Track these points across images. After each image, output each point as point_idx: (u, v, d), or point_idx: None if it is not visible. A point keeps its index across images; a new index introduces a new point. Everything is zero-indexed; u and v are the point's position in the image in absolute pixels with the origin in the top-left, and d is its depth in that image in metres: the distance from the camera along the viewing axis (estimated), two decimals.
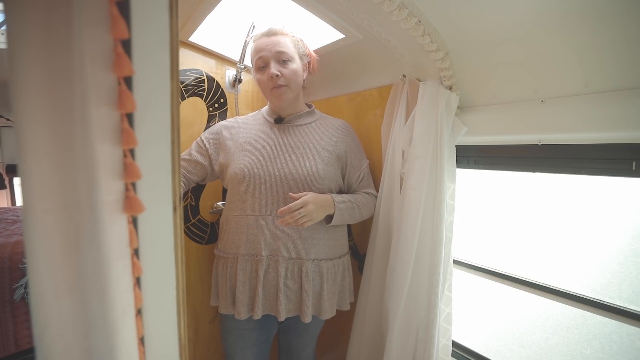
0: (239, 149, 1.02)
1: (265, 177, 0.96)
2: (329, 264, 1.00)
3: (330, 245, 1.02)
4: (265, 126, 1.06)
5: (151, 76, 0.29)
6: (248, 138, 1.04)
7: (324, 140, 1.03)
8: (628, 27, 0.62)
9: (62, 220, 0.26)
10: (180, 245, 0.35)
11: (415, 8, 0.80)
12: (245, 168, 0.97)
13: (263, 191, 0.96)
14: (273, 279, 0.96)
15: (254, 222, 0.96)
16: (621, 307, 0.80)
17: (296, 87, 0.99)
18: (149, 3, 0.28)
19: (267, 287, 0.96)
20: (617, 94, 0.69)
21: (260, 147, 1.00)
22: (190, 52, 1.27)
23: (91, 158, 0.26)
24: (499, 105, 0.91)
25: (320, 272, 0.99)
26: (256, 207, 0.96)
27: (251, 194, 0.97)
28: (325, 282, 0.99)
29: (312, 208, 0.89)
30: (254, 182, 0.96)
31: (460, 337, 1.14)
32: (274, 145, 1.00)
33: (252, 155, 0.99)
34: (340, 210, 0.96)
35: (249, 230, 0.97)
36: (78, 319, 0.28)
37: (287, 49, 0.96)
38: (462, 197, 1.02)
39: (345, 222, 1.01)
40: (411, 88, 1.03)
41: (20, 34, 0.24)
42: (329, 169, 0.99)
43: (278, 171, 0.96)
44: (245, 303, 0.96)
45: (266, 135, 1.03)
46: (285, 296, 0.96)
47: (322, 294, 0.99)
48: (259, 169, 0.96)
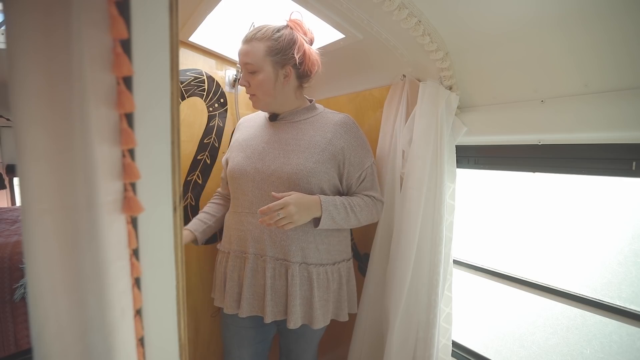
0: (237, 147, 1.04)
1: (254, 174, 0.95)
2: (320, 270, 0.95)
3: (323, 250, 0.96)
4: (263, 124, 1.06)
5: (151, 76, 0.29)
6: (246, 136, 1.05)
7: (317, 136, 0.95)
8: (627, 28, 0.62)
9: (61, 221, 0.26)
10: (180, 245, 0.35)
11: (415, 8, 0.80)
12: (237, 166, 0.99)
13: (252, 188, 0.96)
14: (261, 278, 0.95)
15: (243, 219, 0.98)
16: (621, 307, 0.80)
17: (264, 95, 0.95)
18: (149, 3, 0.28)
19: (255, 286, 0.96)
20: (617, 94, 0.69)
21: (253, 145, 1.00)
22: (190, 52, 1.27)
23: (90, 158, 0.26)
24: (499, 105, 0.91)
25: (310, 277, 0.94)
26: (245, 204, 0.98)
27: (242, 191, 0.98)
28: (315, 288, 0.94)
29: (292, 210, 0.83)
30: (244, 180, 0.97)
31: (460, 337, 1.14)
32: (266, 142, 0.99)
33: (245, 153, 1.00)
34: (329, 213, 0.89)
35: (238, 227, 0.99)
36: (76, 319, 0.27)
37: (254, 59, 0.91)
38: (462, 197, 1.02)
39: (337, 226, 0.94)
40: (411, 88, 1.02)
41: (19, 34, 0.24)
42: (317, 166, 0.91)
43: (266, 168, 0.94)
44: (233, 298, 0.98)
45: (261, 133, 1.03)
46: (272, 298, 0.93)
47: (313, 301, 0.94)
48: (248, 167, 0.97)
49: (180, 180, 0.34)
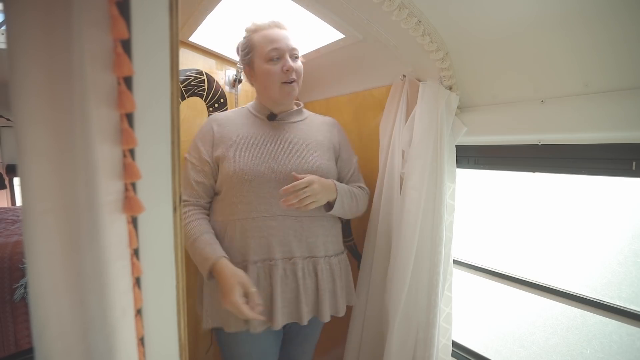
0: (232, 146, 0.93)
1: (270, 175, 0.90)
2: (336, 260, 0.99)
3: (334, 241, 1.01)
4: (257, 123, 0.99)
5: (151, 76, 0.29)
6: (240, 134, 0.95)
7: (319, 136, 1.01)
8: (628, 28, 0.62)
9: (62, 220, 0.26)
10: (180, 245, 0.35)
11: (415, 8, 0.80)
12: (247, 166, 0.90)
13: (269, 190, 0.90)
14: (292, 282, 0.91)
15: (262, 224, 0.90)
16: (621, 307, 0.80)
17: (299, 85, 0.97)
18: (149, 3, 0.28)
19: (286, 292, 0.90)
20: (617, 94, 0.69)
21: (258, 144, 0.93)
22: (190, 52, 1.27)
23: (91, 158, 0.26)
24: (499, 105, 0.90)
25: (332, 269, 0.97)
26: (263, 207, 0.90)
27: (256, 195, 0.90)
28: (336, 278, 0.97)
29: (317, 188, 0.86)
30: (258, 181, 0.89)
31: (460, 337, 1.14)
32: (272, 142, 0.95)
33: (250, 152, 0.92)
34: (341, 197, 0.94)
35: (257, 234, 0.89)
36: (77, 319, 0.27)
37: (298, 45, 0.95)
38: (462, 197, 1.02)
39: (344, 211, 0.97)
40: (411, 88, 1.03)
41: (20, 34, 0.24)
42: (330, 164, 0.99)
43: (282, 168, 0.91)
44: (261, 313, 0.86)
45: (261, 132, 0.96)
46: (305, 299, 0.92)
47: (336, 291, 0.97)
48: (261, 167, 0.90)
49: (180, 180, 0.34)
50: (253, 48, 0.94)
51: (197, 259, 0.88)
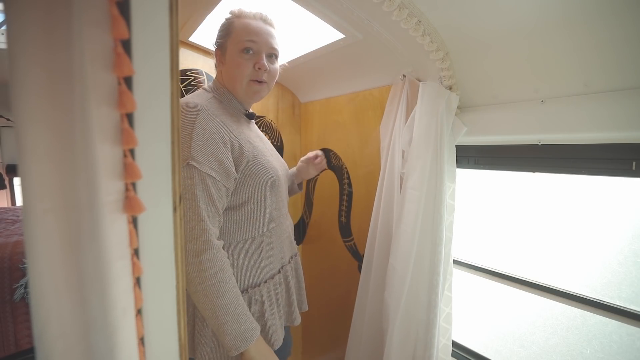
0: (253, 148, 0.82)
1: (283, 177, 0.92)
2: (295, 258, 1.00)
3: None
4: (241, 119, 0.87)
5: (151, 76, 0.29)
6: (243, 132, 0.85)
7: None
8: (628, 27, 0.62)
9: (62, 220, 0.26)
10: (180, 245, 0.35)
11: (415, 8, 0.80)
12: (277, 171, 0.86)
13: (284, 190, 0.92)
14: (292, 278, 0.94)
15: (282, 228, 0.89)
16: (621, 307, 0.80)
17: (270, 88, 0.88)
18: (149, 3, 0.28)
19: (289, 293, 0.92)
20: (617, 93, 0.69)
21: (260, 144, 0.89)
22: (190, 52, 1.27)
23: (91, 158, 0.26)
24: (499, 105, 0.91)
25: (296, 267, 0.99)
26: (283, 210, 0.91)
27: (279, 197, 0.88)
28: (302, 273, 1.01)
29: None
30: (279, 183, 0.87)
31: (460, 337, 1.14)
32: (262, 142, 0.92)
33: (269, 154, 0.88)
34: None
35: (279, 239, 0.87)
36: (78, 319, 0.27)
37: (279, 47, 0.86)
38: (462, 197, 1.02)
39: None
40: (411, 88, 1.03)
41: (20, 34, 0.24)
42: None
43: (282, 166, 0.94)
44: (278, 329, 0.82)
45: (251, 131, 0.90)
46: (294, 298, 0.93)
47: (301, 288, 0.99)
48: (280, 169, 0.89)
49: (180, 180, 0.34)
50: (230, 33, 0.82)
51: (230, 326, 0.67)
